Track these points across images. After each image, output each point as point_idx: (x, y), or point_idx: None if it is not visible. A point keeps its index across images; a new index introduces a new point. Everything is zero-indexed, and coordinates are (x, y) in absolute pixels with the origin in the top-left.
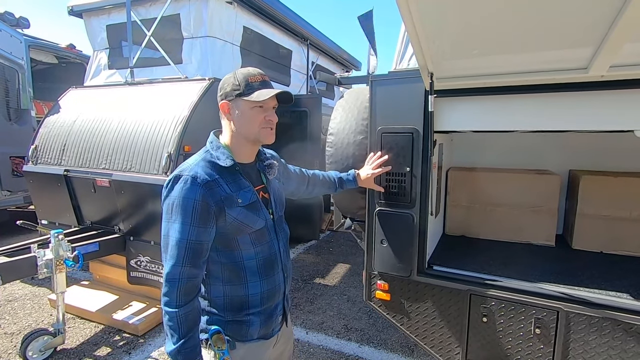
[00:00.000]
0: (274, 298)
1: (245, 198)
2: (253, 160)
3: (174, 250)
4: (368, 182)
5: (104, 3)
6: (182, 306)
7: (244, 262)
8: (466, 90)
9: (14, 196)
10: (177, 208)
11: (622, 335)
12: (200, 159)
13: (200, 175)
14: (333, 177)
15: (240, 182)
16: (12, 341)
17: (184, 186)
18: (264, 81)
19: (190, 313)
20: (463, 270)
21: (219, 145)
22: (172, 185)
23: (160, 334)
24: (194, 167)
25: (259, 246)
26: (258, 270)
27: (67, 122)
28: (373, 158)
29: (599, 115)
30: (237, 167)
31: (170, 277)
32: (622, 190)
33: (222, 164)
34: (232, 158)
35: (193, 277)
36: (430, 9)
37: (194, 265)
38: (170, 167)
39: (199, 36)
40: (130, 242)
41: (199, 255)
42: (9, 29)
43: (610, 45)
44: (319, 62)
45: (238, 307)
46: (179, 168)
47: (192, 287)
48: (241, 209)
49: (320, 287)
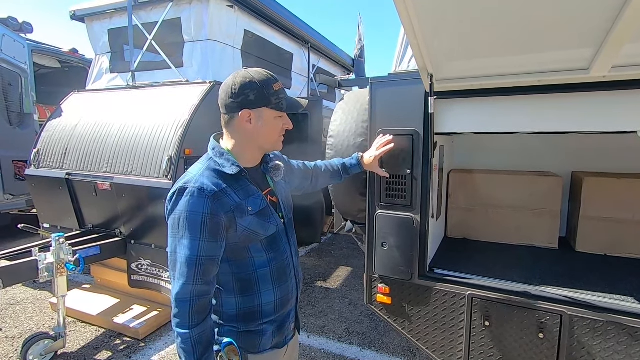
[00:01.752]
0: (287, 305)
1: (255, 205)
2: (258, 164)
3: (183, 268)
4: (373, 165)
5: (106, 7)
6: (195, 326)
7: (257, 271)
8: (467, 92)
9: (16, 200)
10: (184, 223)
11: (627, 340)
12: (204, 168)
13: (207, 186)
14: (336, 164)
15: (248, 189)
16: (13, 345)
17: (191, 199)
18: (283, 88)
19: (204, 333)
20: (465, 273)
21: (222, 151)
22: (177, 198)
23: (161, 337)
24: (199, 178)
25: (272, 253)
26: (271, 278)
27: (68, 126)
28: (379, 141)
29: (601, 117)
30: (244, 174)
31: (181, 296)
32: (626, 192)
33: (227, 171)
34: (238, 164)
35: (205, 294)
36: (428, 10)
37: (205, 282)
38: (170, 171)
39: (200, 40)
40: (131, 245)
41: (210, 272)
42: (12, 34)
43: (611, 46)
44: (319, 65)
45: (251, 318)
46: (183, 179)
47: (204, 305)
48: (252, 218)
49: (321, 290)
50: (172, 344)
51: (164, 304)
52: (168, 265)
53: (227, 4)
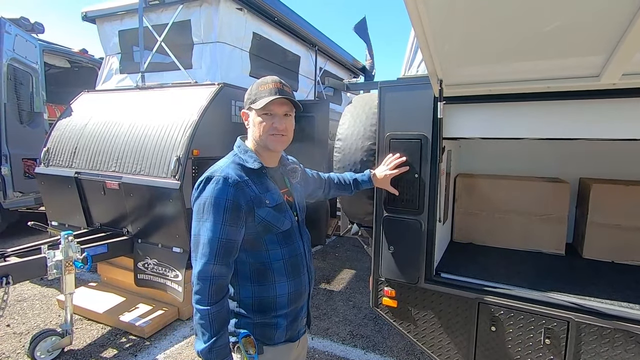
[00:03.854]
0: (300, 299)
1: (273, 199)
2: (277, 165)
3: (206, 249)
4: (384, 182)
5: (117, 9)
6: (213, 304)
7: (272, 262)
8: (476, 97)
9: (26, 197)
10: (209, 207)
11: (635, 348)
12: (229, 162)
13: (231, 176)
14: (348, 178)
15: (267, 184)
16: (20, 341)
17: (216, 186)
18: (276, 89)
19: (221, 312)
20: (471, 278)
21: (247, 149)
22: (204, 185)
23: (166, 336)
24: (225, 169)
25: (286, 247)
26: (285, 270)
27: (78, 126)
28: (391, 159)
29: (611, 124)
30: (264, 170)
31: (203, 275)
32: (634, 199)
33: (250, 166)
34: (260, 161)
35: (223, 275)
36: (440, 14)
37: (224, 263)
38: (178, 171)
39: (209, 42)
40: (138, 244)
41: (230, 254)
42: (24, 34)
43: (622, 54)
44: (326, 68)
45: (266, 308)
46: (210, 170)
47: (222, 286)
48: (269, 210)
49: (325, 292)
50: (177, 343)
51: (169, 303)
52: (191, 248)
53: (236, 6)
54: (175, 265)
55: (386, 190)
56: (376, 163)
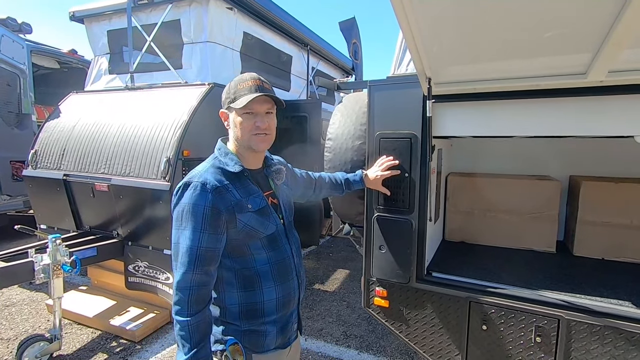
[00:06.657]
0: (289, 305)
1: (255, 204)
2: (260, 167)
3: (184, 258)
4: (375, 183)
5: (105, 9)
6: (193, 315)
7: (257, 267)
8: (465, 96)
9: (14, 200)
10: (187, 215)
11: (624, 344)
12: (209, 166)
13: (209, 181)
14: (340, 178)
15: (249, 188)
16: (8, 347)
17: (194, 193)
18: (256, 86)
19: (201, 322)
20: (463, 277)
21: (227, 151)
22: (181, 192)
23: (157, 340)
24: (203, 174)
25: (272, 252)
26: (272, 275)
27: (67, 127)
28: (383, 160)
29: (599, 121)
30: (246, 173)
31: (182, 285)
32: (623, 196)
33: (230, 169)
34: (241, 164)
35: (204, 284)
36: (427, 15)
37: (205, 272)
38: (169, 172)
39: (199, 42)
40: (129, 247)
41: (210, 263)
42: (11, 35)
43: (608, 52)
44: (319, 68)
45: (254, 315)
46: (188, 175)
47: (203, 295)
48: (251, 215)
49: (319, 293)
50: (168, 346)
51: (160, 306)
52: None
53: (226, 6)
54: (166, 268)
55: (377, 190)
56: (366, 162)
